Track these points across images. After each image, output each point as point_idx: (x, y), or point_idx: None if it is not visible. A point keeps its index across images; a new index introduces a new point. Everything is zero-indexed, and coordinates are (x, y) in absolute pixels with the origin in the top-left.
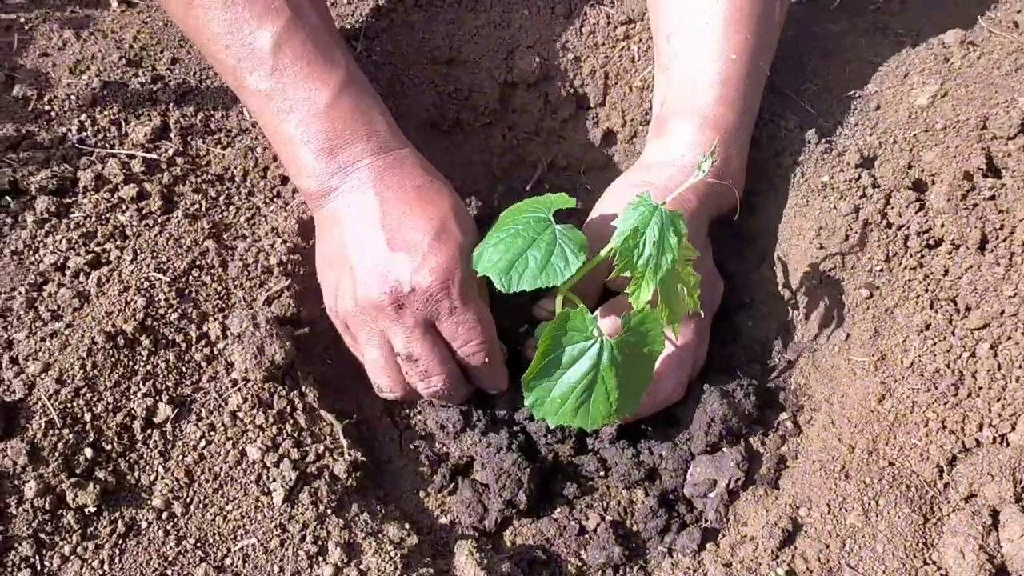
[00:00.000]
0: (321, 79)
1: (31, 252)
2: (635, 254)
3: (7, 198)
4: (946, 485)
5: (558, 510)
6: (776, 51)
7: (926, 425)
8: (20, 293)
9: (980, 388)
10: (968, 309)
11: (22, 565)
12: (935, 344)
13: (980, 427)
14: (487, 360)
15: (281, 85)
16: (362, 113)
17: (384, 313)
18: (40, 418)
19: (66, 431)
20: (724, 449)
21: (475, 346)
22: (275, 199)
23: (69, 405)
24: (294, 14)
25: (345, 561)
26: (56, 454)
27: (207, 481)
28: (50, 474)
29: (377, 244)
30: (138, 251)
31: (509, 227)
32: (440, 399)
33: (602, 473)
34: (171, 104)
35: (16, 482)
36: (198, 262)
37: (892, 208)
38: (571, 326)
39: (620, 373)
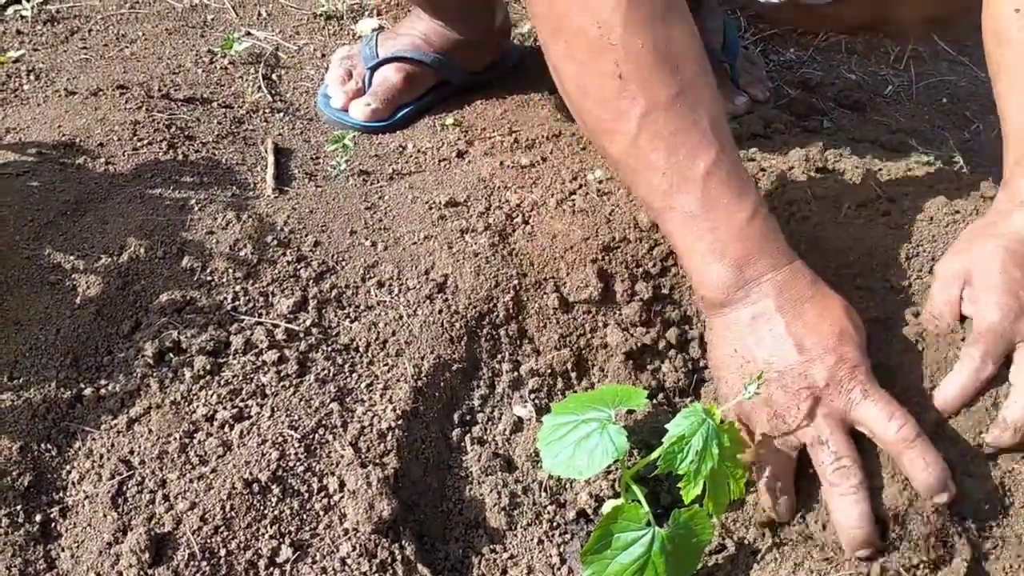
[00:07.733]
0: (738, 206)
1: (186, 404)
2: (678, 458)
3: (171, 355)
4: None
5: None
6: None
7: None
8: (175, 439)
9: None
10: None
11: None
12: None
13: None
14: (917, 435)
15: (705, 209)
16: (767, 235)
17: (800, 411)
18: (184, 550)
19: (204, 563)
20: None
21: (901, 416)
22: (392, 369)
23: (208, 541)
24: (720, 150)
25: None
26: None
27: None
28: None
29: (787, 349)
30: (275, 409)
31: (578, 413)
32: (854, 498)
33: None
34: (311, 281)
35: None
36: (324, 422)
37: None
38: (624, 517)
39: (670, 561)
